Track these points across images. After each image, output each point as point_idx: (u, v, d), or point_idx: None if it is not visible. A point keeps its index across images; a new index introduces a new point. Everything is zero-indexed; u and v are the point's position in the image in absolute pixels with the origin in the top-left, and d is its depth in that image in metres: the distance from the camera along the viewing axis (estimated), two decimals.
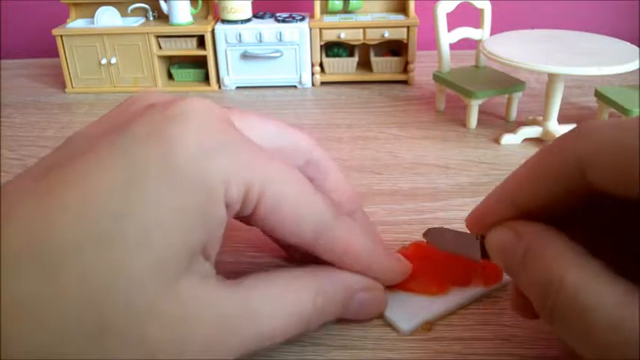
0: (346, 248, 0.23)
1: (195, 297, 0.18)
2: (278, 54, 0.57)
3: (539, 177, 0.20)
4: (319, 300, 0.22)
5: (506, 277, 0.27)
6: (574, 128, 0.19)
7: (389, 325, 0.25)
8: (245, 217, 0.21)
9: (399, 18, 0.58)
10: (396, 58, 0.59)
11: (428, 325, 0.25)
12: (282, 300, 0.21)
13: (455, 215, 0.34)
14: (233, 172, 0.19)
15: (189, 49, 0.58)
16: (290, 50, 0.58)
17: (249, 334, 0.20)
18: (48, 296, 0.16)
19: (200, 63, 0.60)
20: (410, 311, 0.25)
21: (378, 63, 0.59)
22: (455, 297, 0.26)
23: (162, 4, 0.58)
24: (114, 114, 0.21)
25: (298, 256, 0.27)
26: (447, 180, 0.39)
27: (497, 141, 0.44)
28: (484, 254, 0.22)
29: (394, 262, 0.25)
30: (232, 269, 0.21)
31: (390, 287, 0.26)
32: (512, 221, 0.21)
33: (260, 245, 0.30)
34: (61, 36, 0.57)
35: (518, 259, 0.20)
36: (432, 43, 0.51)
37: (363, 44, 0.58)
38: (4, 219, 0.17)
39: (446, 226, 0.28)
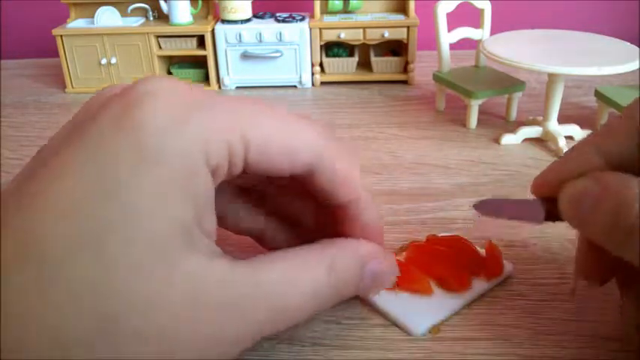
0: (346, 176, 0.22)
1: (203, 278, 0.18)
2: (278, 54, 0.57)
3: (632, 124, 0.20)
4: (332, 275, 0.21)
5: (506, 271, 0.28)
6: None
7: (397, 327, 0.25)
8: (239, 173, 0.20)
9: (399, 18, 0.58)
10: (396, 58, 0.59)
11: (436, 329, 0.25)
12: (293, 274, 0.20)
13: (455, 215, 0.34)
14: (209, 138, 0.18)
15: (189, 49, 0.58)
16: (290, 50, 0.58)
17: (263, 313, 0.19)
18: (49, 306, 0.16)
19: (200, 63, 0.60)
20: (419, 314, 0.25)
21: (378, 63, 0.59)
22: (460, 297, 0.26)
23: (162, 4, 0.58)
24: (79, 114, 0.21)
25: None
26: (447, 180, 0.39)
27: (497, 141, 0.44)
28: (546, 217, 0.22)
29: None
30: None
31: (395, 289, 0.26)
32: (591, 172, 0.21)
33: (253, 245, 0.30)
34: (61, 36, 0.57)
35: (592, 198, 0.20)
36: (432, 43, 0.51)
37: (363, 44, 0.58)
38: None
39: (446, 226, 0.28)
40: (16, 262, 0.16)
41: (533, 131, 0.44)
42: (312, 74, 0.59)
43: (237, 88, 0.59)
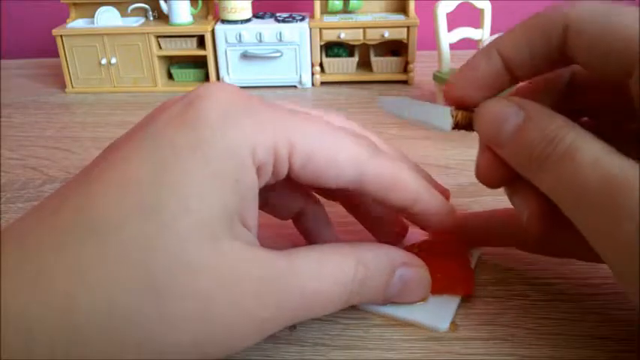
0: (394, 179, 0.23)
1: (242, 256, 0.19)
2: (278, 54, 0.57)
3: (528, 28, 0.22)
4: (360, 269, 0.22)
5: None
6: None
7: (422, 328, 0.25)
8: (285, 177, 0.22)
9: (399, 18, 0.58)
10: (396, 58, 0.59)
11: (454, 325, 0.25)
12: (324, 264, 0.21)
13: None
14: (257, 137, 0.20)
15: (189, 49, 0.58)
16: (290, 50, 0.58)
17: (297, 294, 0.20)
18: (105, 259, 0.17)
19: (200, 63, 0.60)
20: (436, 310, 0.25)
21: (378, 63, 0.59)
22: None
23: (162, 4, 0.58)
24: (146, 116, 0.23)
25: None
26: (447, 180, 0.38)
27: None
28: (455, 126, 0.24)
29: (445, 201, 0.25)
30: None
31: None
32: (511, 96, 0.23)
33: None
34: (61, 36, 0.57)
35: (514, 125, 0.21)
36: (432, 43, 0.51)
37: (363, 44, 0.58)
38: (59, 206, 0.19)
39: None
40: (75, 224, 0.18)
41: None
42: (312, 74, 0.59)
43: None
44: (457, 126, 0.24)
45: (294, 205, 0.27)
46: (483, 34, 0.51)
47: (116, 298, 0.17)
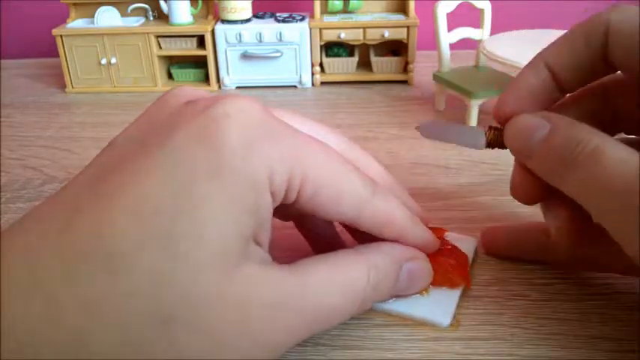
0: (387, 218, 0.24)
1: (255, 281, 0.19)
2: (278, 54, 0.57)
3: (571, 36, 0.23)
4: (372, 273, 0.22)
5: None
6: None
7: (422, 325, 0.25)
8: (287, 205, 0.22)
9: (399, 18, 0.58)
10: (396, 58, 0.59)
11: (457, 322, 0.25)
12: (335, 276, 0.22)
13: (455, 215, 0.34)
14: (276, 165, 0.20)
15: (189, 49, 0.58)
16: (290, 50, 0.58)
17: (310, 313, 0.20)
18: (116, 293, 0.17)
19: (200, 63, 0.60)
20: (438, 306, 0.25)
21: (378, 63, 0.59)
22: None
23: (162, 4, 0.58)
24: (153, 112, 0.22)
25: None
26: (447, 180, 0.39)
27: None
28: (493, 145, 0.25)
29: (429, 232, 0.26)
30: None
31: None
32: (538, 112, 0.24)
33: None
34: (61, 36, 0.57)
35: (541, 135, 0.22)
36: (432, 43, 0.51)
37: (363, 44, 0.58)
38: (70, 222, 0.18)
39: (445, 226, 0.28)
40: (87, 252, 0.17)
41: None
42: (312, 74, 0.59)
43: (237, 88, 0.59)
44: (489, 144, 0.25)
45: (296, 208, 0.27)
46: (483, 34, 0.51)
47: (127, 332, 0.17)
